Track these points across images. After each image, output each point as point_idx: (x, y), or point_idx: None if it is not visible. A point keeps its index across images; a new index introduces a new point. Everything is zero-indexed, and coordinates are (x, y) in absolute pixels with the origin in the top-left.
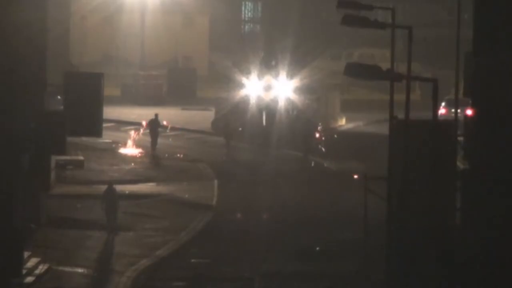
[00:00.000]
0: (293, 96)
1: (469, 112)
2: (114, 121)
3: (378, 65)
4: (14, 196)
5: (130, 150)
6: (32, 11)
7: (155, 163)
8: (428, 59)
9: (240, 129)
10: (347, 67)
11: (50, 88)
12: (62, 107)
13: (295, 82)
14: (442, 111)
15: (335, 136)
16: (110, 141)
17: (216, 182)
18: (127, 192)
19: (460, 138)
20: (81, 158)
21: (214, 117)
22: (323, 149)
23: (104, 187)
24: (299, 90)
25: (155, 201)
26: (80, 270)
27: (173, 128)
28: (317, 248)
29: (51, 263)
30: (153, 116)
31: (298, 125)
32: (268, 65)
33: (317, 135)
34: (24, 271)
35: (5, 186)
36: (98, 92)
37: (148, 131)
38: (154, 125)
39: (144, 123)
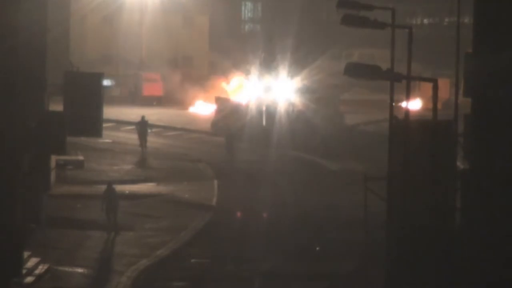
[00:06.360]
0: (293, 97)
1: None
2: (114, 121)
3: (378, 65)
4: (14, 196)
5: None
6: (32, 11)
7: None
8: (428, 59)
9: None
10: (347, 67)
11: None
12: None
13: (295, 83)
14: None
15: None
16: (110, 141)
17: (216, 182)
18: (127, 192)
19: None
20: (81, 158)
21: (214, 118)
22: None
23: (104, 187)
24: (299, 90)
25: (155, 201)
26: (80, 270)
27: (173, 128)
28: (317, 248)
29: (51, 263)
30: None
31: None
32: (268, 65)
33: None
34: (24, 271)
35: (5, 186)
36: (98, 92)
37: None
38: (143, 125)
39: None
